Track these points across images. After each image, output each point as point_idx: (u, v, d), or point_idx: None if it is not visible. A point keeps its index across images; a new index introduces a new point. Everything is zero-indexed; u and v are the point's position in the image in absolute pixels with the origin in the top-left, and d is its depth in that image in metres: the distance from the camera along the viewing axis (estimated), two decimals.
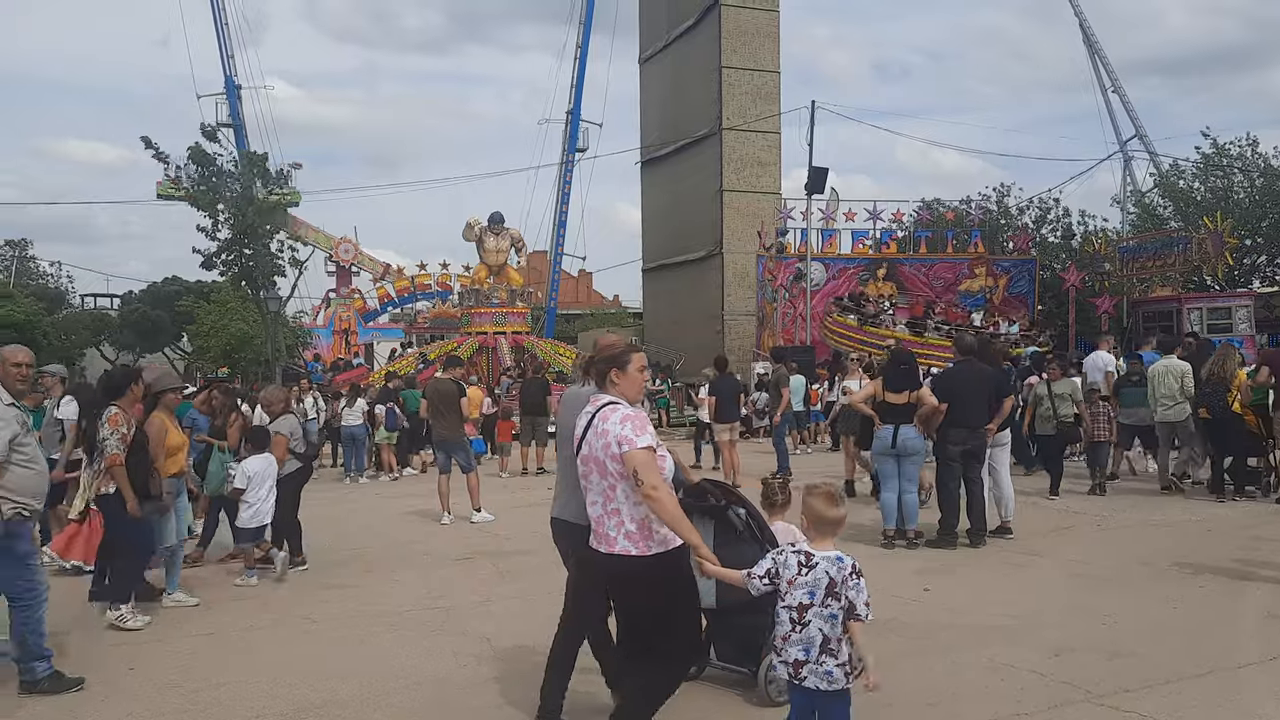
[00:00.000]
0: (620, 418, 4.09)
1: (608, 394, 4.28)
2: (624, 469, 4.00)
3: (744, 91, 36.69)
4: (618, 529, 4.06)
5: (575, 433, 4.30)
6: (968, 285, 33.37)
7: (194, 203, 25.76)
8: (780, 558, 3.88)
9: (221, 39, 43.48)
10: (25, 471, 5.55)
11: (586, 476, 4.19)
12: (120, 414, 7.04)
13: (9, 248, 57.24)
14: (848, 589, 3.74)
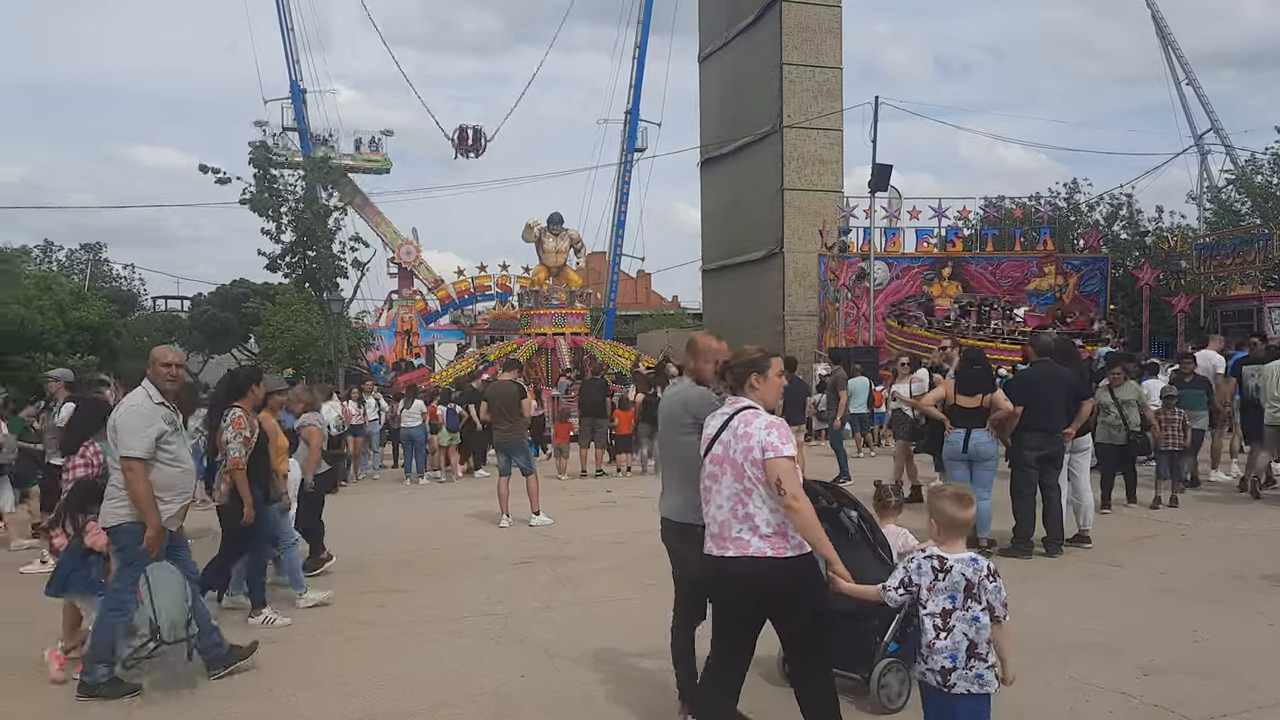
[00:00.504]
0: (765, 424, 4.06)
1: (746, 398, 4.23)
2: (764, 475, 3.98)
3: (805, 88, 36.24)
4: (751, 532, 4.01)
5: (706, 433, 4.27)
6: (1036, 284, 32.56)
7: (255, 207, 26.10)
8: (911, 565, 3.83)
9: (287, 45, 44.25)
10: (170, 469, 5.65)
11: (716, 478, 4.15)
12: (244, 416, 7.05)
13: (84, 251, 58.80)
14: (986, 591, 3.70)
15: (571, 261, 35.75)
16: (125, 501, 5.51)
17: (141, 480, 5.43)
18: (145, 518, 5.45)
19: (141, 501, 5.44)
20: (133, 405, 5.61)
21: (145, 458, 5.47)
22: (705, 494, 4.21)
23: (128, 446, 5.47)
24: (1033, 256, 33.14)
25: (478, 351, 35.22)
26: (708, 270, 43.56)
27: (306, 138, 45.87)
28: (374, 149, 49.73)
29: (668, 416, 4.90)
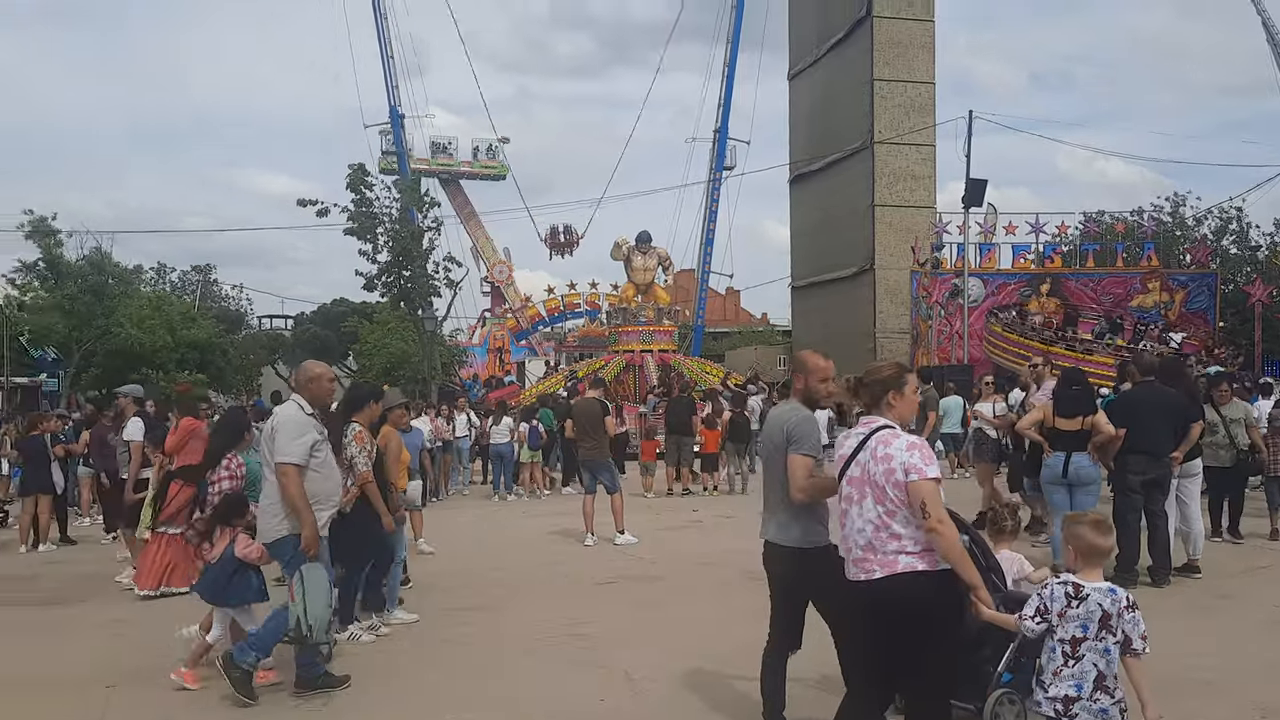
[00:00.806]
0: (906, 444, 3.96)
1: (882, 416, 4.13)
2: (906, 497, 3.88)
3: (896, 104, 35.76)
4: (899, 551, 3.91)
5: (840, 453, 4.19)
6: (1140, 300, 31.38)
7: (353, 230, 26.86)
8: (1046, 593, 3.77)
9: (387, 72, 45.53)
10: (320, 477, 5.86)
11: (854, 500, 4.06)
12: (364, 431, 7.18)
13: (196, 273, 61.20)
14: (1123, 622, 3.62)
15: (660, 279, 35.77)
16: (283, 515, 5.70)
17: (296, 484, 5.64)
18: (300, 519, 5.65)
19: (297, 504, 5.64)
20: (289, 416, 5.86)
21: (300, 464, 5.70)
22: (841, 517, 4.13)
23: (284, 453, 5.68)
24: (1136, 272, 31.95)
25: (566, 369, 35.46)
26: (797, 287, 43.19)
27: (405, 161, 47.03)
28: (491, 156, 50.88)
29: (770, 440, 4.80)
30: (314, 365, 6.24)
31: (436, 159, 49.67)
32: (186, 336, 37.69)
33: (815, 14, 40.47)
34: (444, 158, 49.78)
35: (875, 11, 35.74)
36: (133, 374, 35.39)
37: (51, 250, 31.82)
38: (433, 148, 49.51)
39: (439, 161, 49.81)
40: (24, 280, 34.02)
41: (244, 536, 6.06)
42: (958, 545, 3.87)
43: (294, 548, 5.70)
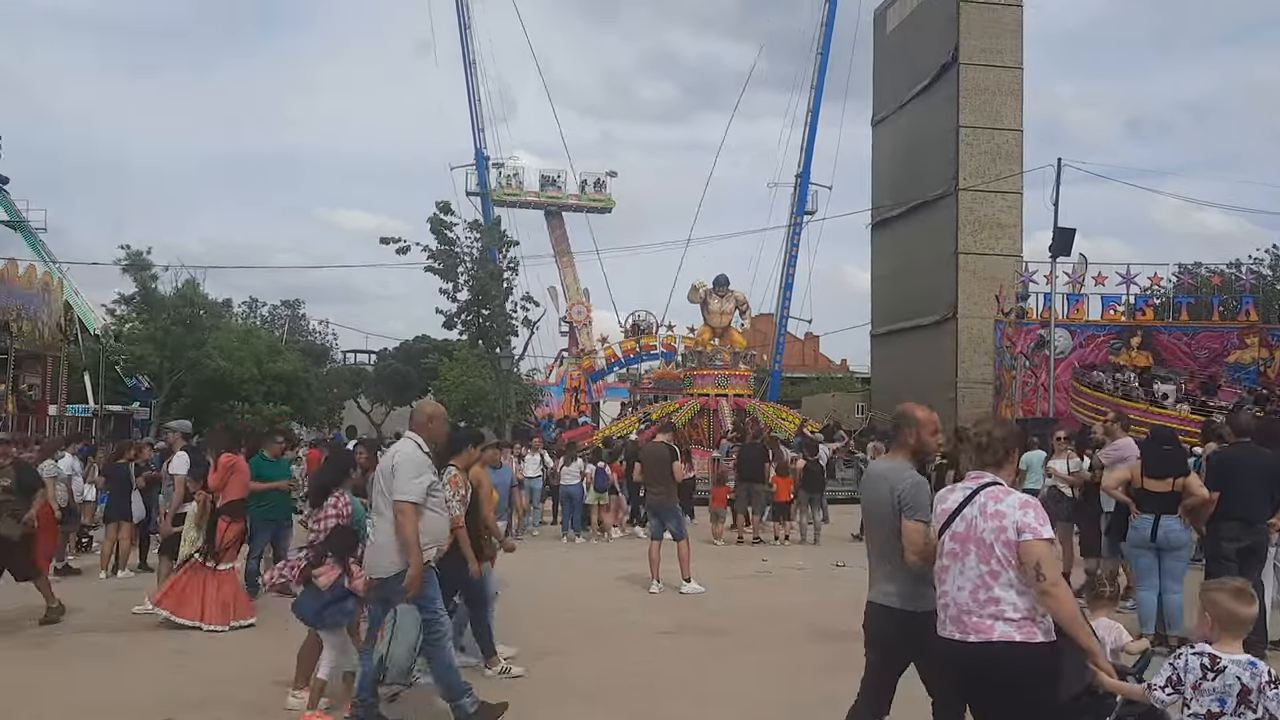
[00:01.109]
0: (1019, 502, 3.83)
1: (989, 473, 4.00)
2: (1015, 557, 3.75)
3: (982, 151, 35.28)
4: (996, 617, 3.77)
5: (942, 508, 4.05)
6: (1238, 356, 30.11)
7: (433, 269, 27.37)
8: (1179, 662, 3.58)
9: (474, 116, 46.56)
10: (434, 515, 5.95)
11: (957, 557, 3.91)
12: (460, 475, 7.20)
13: (285, 307, 63.07)
14: (1265, 699, 3.39)
15: (736, 323, 35.63)
16: (396, 551, 5.72)
17: (413, 523, 5.68)
18: (410, 557, 5.67)
19: (410, 542, 5.67)
20: (408, 454, 5.87)
21: (418, 503, 5.75)
22: (941, 573, 3.98)
23: (403, 491, 5.72)
24: (1233, 327, 30.70)
25: (640, 410, 35.42)
26: (877, 334, 42.62)
27: (488, 202, 47.87)
28: (599, 189, 51.79)
29: (877, 498, 4.58)
30: (431, 405, 6.34)
31: (545, 191, 50.80)
32: (273, 369, 38.71)
33: (901, 61, 40.27)
34: (553, 190, 50.90)
35: (962, 58, 35.40)
36: (220, 404, 36.51)
37: (147, 284, 33.11)
38: (542, 180, 50.73)
39: (548, 194, 50.96)
40: (122, 312, 35.41)
41: (355, 568, 6.12)
42: (1073, 609, 3.73)
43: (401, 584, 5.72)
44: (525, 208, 50.82)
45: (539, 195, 50.75)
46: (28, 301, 32.40)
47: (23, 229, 41.69)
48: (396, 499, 5.70)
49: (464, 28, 44.03)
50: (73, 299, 39.08)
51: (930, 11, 37.89)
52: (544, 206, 51.01)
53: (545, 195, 50.90)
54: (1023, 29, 36.36)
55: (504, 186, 49.38)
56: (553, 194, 50.98)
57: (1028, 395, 29.15)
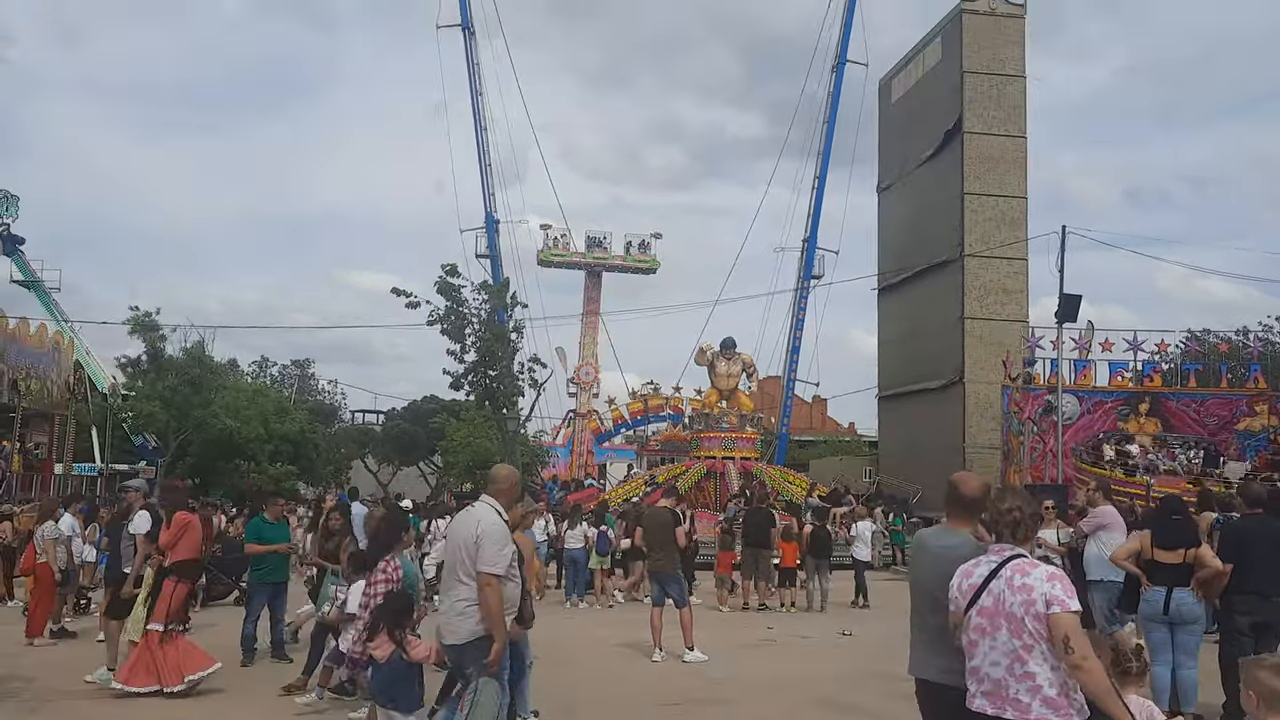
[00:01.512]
0: (1046, 574, 3.87)
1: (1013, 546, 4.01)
2: (1046, 630, 3.76)
3: (988, 217, 35.55)
4: (1032, 694, 3.74)
5: (967, 582, 4.02)
6: (1247, 424, 29.86)
7: (443, 330, 27.53)
8: None
9: (485, 180, 47.05)
10: (512, 585, 5.92)
11: (986, 632, 3.89)
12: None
13: (295, 366, 63.17)
14: None
15: (744, 385, 35.62)
16: (475, 619, 5.60)
17: (498, 595, 5.59)
18: (495, 632, 5.56)
19: (495, 617, 5.55)
20: (494, 524, 5.75)
21: (503, 575, 5.65)
22: (970, 648, 3.94)
23: (490, 563, 5.59)
24: (1243, 394, 30.54)
25: (646, 473, 35.27)
26: (884, 397, 42.51)
27: (498, 264, 48.21)
28: (643, 250, 52.30)
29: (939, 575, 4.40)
30: (507, 469, 6.28)
31: (592, 252, 51.32)
32: (279, 429, 38.65)
33: (906, 129, 40.77)
34: (599, 251, 51.48)
35: (966, 128, 35.83)
36: (226, 464, 36.44)
37: (155, 344, 33.29)
38: (588, 241, 51.32)
39: (594, 255, 51.44)
40: (129, 374, 35.57)
41: (413, 638, 6.01)
42: (1105, 681, 3.70)
43: (480, 654, 5.57)
44: (571, 268, 51.41)
45: (585, 256, 51.33)
46: (37, 360, 32.57)
47: (36, 288, 42.07)
48: (482, 570, 5.56)
49: (475, 94, 44.77)
50: (83, 358, 39.27)
51: (934, 82, 38.47)
52: (589, 267, 51.51)
53: (591, 256, 51.47)
54: (1026, 100, 36.87)
55: (551, 248, 50.11)
56: (599, 254, 51.55)
57: (1036, 461, 28.90)
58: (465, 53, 44.47)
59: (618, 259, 51.71)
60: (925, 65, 39.61)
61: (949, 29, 37.62)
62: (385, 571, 6.44)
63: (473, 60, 44.51)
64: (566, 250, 50.58)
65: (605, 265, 51.69)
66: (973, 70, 36.15)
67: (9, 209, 42.27)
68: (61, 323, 39.43)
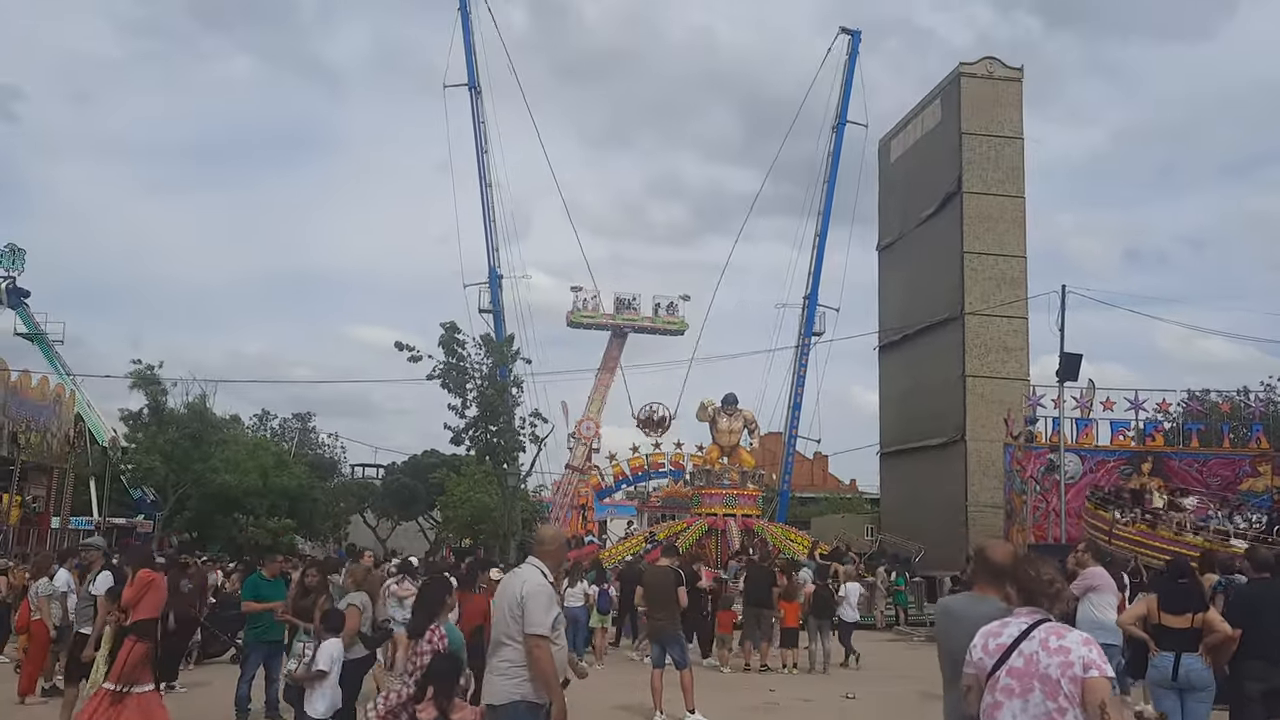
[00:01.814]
0: (1082, 638, 3.88)
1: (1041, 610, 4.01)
2: (1080, 694, 3.74)
3: (988, 276, 35.76)
4: None
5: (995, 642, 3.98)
6: (1250, 484, 29.69)
7: (443, 384, 27.57)
8: None
9: (489, 235, 47.39)
10: (559, 649, 5.83)
11: (1016, 693, 3.86)
12: None
13: (296, 420, 63.08)
14: None
15: (745, 442, 35.55)
16: (522, 678, 5.55)
17: (548, 656, 5.54)
18: (551, 695, 5.52)
19: (549, 680, 5.52)
20: (539, 585, 5.72)
21: (550, 636, 5.61)
22: (993, 709, 3.90)
23: (537, 625, 5.54)
24: (1245, 454, 30.44)
25: (646, 530, 35.03)
26: (886, 454, 42.37)
27: (500, 319, 48.38)
28: (671, 312, 52.54)
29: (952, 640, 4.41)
30: (554, 530, 6.31)
31: (622, 314, 51.64)
32: (278, 483, 38.51)
33: (906, 189, 41.20)
34: (629, 313, 51.81)
35: (966, 188, 36.19)
36: (224, 518, 36.26)
37: (157, 398, 33.34)
38: (617, 303, 51.66)
39: (624, 316, 51.75)
40: (128, 427, 35.56)
41: (459, 702, 5.99)
42: None
43: (529, 715, 5.54)
44: (600, 329, 51.67)
45: (614, 318, 51.69)
46: (38, 413, 32.59)
47: (39, 341, 42.23)
48: (530, 632, 5.52)
49: (481, 151, 45.34)
50: (84, 410, 39.26)
51: (934, 143, 38.96)
52: (618, 329, 51.83)
53: (621, 317, 51.84)
54: (1024, 161, 37.31)
55: (580, 309, 50.83)
56: (629, 316, 51.86)
57: (1039, 520, 28.73)
58: (472, 112, 45.13)
59: (646, 320, 51.99)
60: (924, 126, 40.15)
61: (948, 91, 38.19)
62: (431, 641, 6.45)
63: (479, 119, 45.15)
64: (596, 311, 51.09)
65: (634, 326, 52.03)
66: (971, 132, 36.63)
67: (15, 262, 42.65)
68: (64, 375, 39.52)
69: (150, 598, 8.78)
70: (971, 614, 4.50)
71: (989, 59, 38.26)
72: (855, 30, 46.97)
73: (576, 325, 50.89)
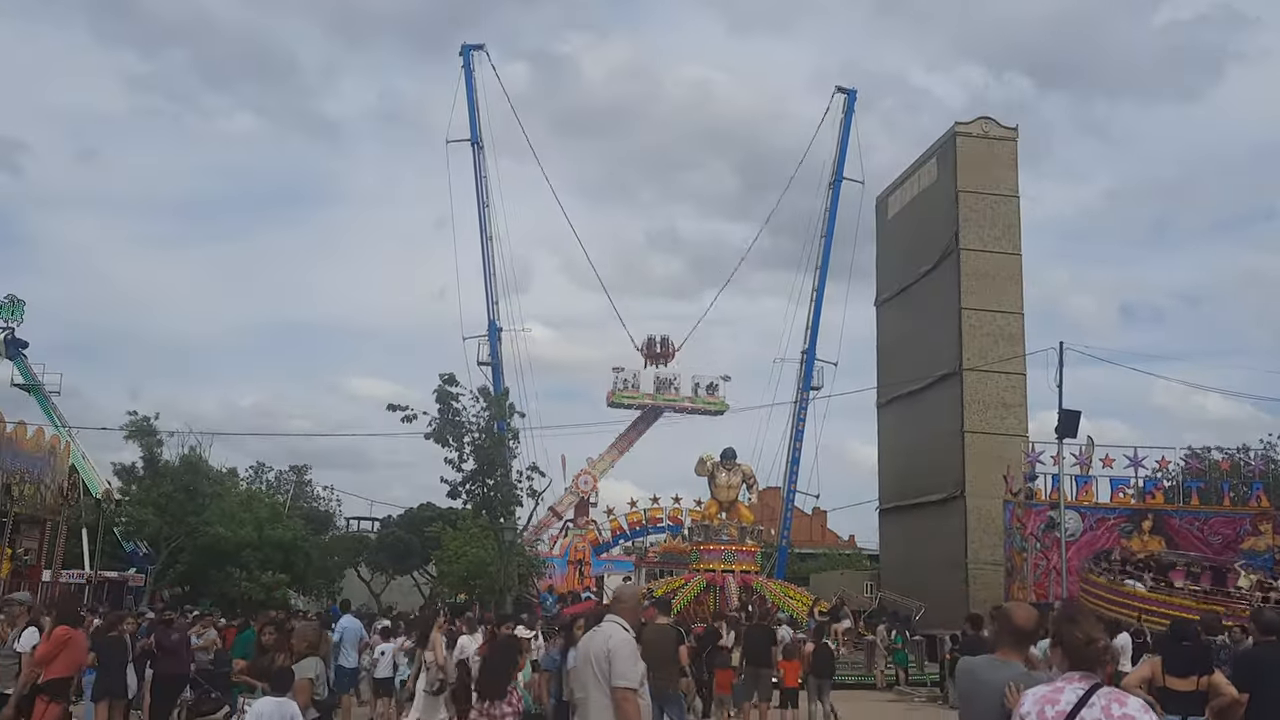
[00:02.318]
0: (1141, 705, 3.95)
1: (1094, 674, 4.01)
2: None
3: (986, 333, 35.90)
4: None
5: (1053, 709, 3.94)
6: (1252, 543, 29.53)
7: (438, 439, 27.50)
8: None
9: (488, 288, 47.62)
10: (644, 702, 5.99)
11: None
12: None
13: (292, 472, 62.65)
14: None
15: (744, 497, 35.38)
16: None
17: (636, 708, 5.74)
18: None
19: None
20: (624, 640, 6.00)
21: (638, 689, 5.81)
22: None
23: (625, 678, 5.80)
24: (1246, 513, 30.31)
25: (644, 586, 34.69)
26: (885, 510, 42.18)
27: (499, 372, 48.39)
28: (711, 392, 52.41)
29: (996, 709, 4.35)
30: (633, 589, 6.58)
31: (662, 394, 51.64)
32: (272, 536, 38.18)
33: (903, 245, 41.54)
34: (670, 393, 51.80)
35: (963, 244, 36.49)
36: (217, 572, 35.87)
37: (152, 449, 33.23)
38: (657, 383, 51.71)
39: (664, 397, 51.69)
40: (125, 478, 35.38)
41: None
42: None
43: None
44: (640, 409, 51.76)
45: (655, 398, 51.72)
46: (32, 465, 32.36)
47: (36, 392, 42.20)
48: (618, 685, 5.73)
49: (482, 205, 45.77)
50: (79, 462, 39.05)
51: (930, 200, 39.37)
52: (659, 410, 51.84)
53: (661, 398, 51.79)
54: (1020, 218, 37.67)
55: (620, 389, 50.88)
56: (669, 396, 51.88)
57: (1040, 578, 28.51)
58: (474, 166, 45.65)
59: (686, 400, 51.92)
60: (921, 184, 40.61)
61: (944, 150, 38.69)
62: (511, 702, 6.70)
63: (480, 173, 45.65)
64: (636, 392, 51.09)
65: (674, 407, 51.90)
66: (968, 189, 37.03)
67: (14, 313, 42.76)
68: (59, 427, 39.40)
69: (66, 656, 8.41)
70: (995, 679, 4.47)
71: (984, 119, 38.83)
72: (851, 89, 47.72)
73: (617, 406, 50.90)
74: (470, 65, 45.68)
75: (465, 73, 45.56)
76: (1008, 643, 4.60)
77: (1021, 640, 4.55)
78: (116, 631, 12.21)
